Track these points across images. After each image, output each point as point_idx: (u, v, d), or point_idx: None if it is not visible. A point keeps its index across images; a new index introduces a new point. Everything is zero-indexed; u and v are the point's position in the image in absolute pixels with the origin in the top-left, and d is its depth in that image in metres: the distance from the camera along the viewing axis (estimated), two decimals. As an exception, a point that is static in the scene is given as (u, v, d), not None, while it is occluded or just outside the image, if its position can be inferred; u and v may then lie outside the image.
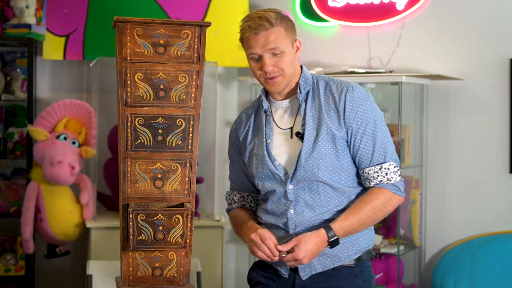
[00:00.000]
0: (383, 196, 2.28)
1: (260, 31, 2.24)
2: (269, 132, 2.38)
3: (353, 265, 2.34)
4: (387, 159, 2.29)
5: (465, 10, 3.92)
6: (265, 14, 2.26)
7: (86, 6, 4.21)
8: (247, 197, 2.53)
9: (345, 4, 4.16)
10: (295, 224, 2.32)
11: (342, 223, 2.24)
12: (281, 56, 2.27)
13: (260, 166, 2.37)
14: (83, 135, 4.00)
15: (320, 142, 2.28)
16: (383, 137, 2.31)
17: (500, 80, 3.83)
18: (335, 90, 2.32)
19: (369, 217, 2.28)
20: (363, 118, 2.29)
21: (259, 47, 2.26)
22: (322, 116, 2.30)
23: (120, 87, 2.03)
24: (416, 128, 4.00)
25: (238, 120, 2.52)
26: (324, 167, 2.28)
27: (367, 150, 2.29)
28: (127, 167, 2.07)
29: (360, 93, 2.31)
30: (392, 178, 2.29)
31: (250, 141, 2.43)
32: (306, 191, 2.31)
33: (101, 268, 3.12)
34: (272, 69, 2.28)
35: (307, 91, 2.35)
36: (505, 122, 3.82)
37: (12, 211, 4.11)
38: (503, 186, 3.84)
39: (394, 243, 3.83)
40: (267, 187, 2.38)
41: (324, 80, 2.38)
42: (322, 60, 4.24)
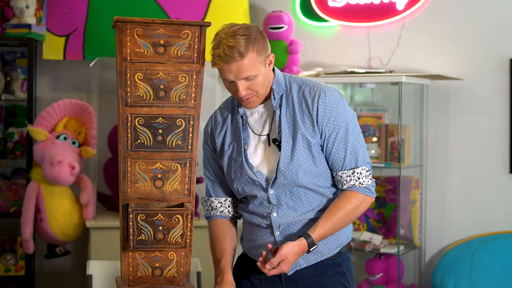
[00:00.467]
0: (356, 199, 2.35)
1: (232, 62, 2.21)
2: (246, 138, 2.40)
3: (335, 257, 2.43)
4: (359, 164, 2.34)
5: (465, 10, 3.92)
6: (235, 44, 2.18)
7: (86, 6, 4.21)
8: (224, 202, 2.53)
9: (345, 4, 4.16)
10: (278, 224, 2.38)
11: (321, 231, 2.31)
12: (254, 79, 2.26)
13: (239, 172, 2.39)
14: (83, 135, 4.00)
15: (297, 150, 2.32)
16: (355, 141, 2.35)
17: (500, 80, 3.83)
18: (308, 95, 2.34)
19: (344, 221, 2.35)
20: (335, 123, 2.32)
21: (232, 75, 2.24)
22: (296, 123, 2.33)
23: (120, 87, 2.03)
24: (416, 128, 4.00)
25: (213, 121, 2.50)
26: (303, 173, 2.33)
27: (339, 154, 2.34)
28: (127, 167, 2.07)
29: (332, 97, 2.33)
30: (364, 182, 2.35)
31: (229, 145, 2.43)
32: (287, 195, 2.36)
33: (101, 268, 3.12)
34: (247, 93, 2.28)
35: (280, 95, 2.37)
36: (505, 122, 3.82)
37: (12, 211, 4.11)
38: (503, 186, 3.84)
39: (394, 243, 3.83)
40: (247, 191, 2.41)
41: (297, 83, 2.39)
42: (322, 60, 4.24)
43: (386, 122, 3.97)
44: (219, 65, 2.23)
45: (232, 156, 2.41)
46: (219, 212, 2.53)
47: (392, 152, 3.83)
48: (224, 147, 2.44)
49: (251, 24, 2.30)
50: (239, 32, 2.22)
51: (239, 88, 2.26)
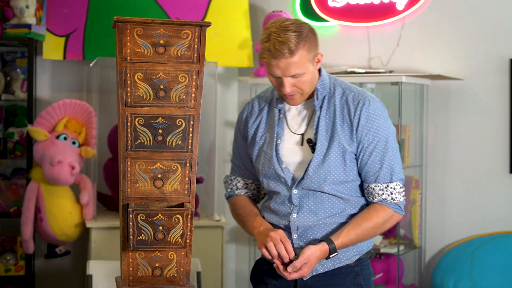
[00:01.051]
0: (385, 214, 2.31)
1: (280, 58, 2.19)
2: (280, 132, 2.36)
3: (353, 264, 2.37)
4: (394, 179, 2.30)
5: (465, 10, 3.92)
6: (286, 38, 2.17)
7: (86, 6, 4.21)
8: (250, 185, 2.51)
9: (345, 4, 4.16)
10: (296, 226, 2.33)
11: (344, 239, 2.27)
12: (301, 77, 2.24)
13: (267, 165, 2.36)
14: (83, 135, 4.00)
15: (331, 155, 2.28)
16: (392, 156, 2.30)
17: (500, 80, 3.83)
18: (351, 102, 2.30)
19: (369, 234, 2.31)
20: (375, 135, 2.28)
21: (279, 71, 2.22)
22: (335, 128, 2.29)
23: (120, 87, 2.03)
24: (416, 128, 4.00)
25: (249, 108, 2.47)
26: (331, 181, 2.28)
27: (374, 167, 2.30)
28: (127, 167, 2.07)
29: (376, 108, 2.30)
30: (396, 198, 2.31)
31: (261, 136, 2.40)
32: (311, 198, 2.32)
33: (101, 268, 3.12)
34: (292, 90, 2.26)
35: (323, 96, 2.33)
36: (505, 122, 3.82)
37: (12, 211, 4.11)
38: (503, 186, 3.84)
39: (394, 243, 3.83)
40: (272, 187, 2.37)
41: (342, 87, 2.35)
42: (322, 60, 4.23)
43: (386, 122, 3.97)
44: (267, 59, 2.21)
45: (262, 148, 2.38)
46: (244, 192, 2.51)
47: (392, 152, 3.83)
48: (256, 137, 2.41)
49: (303, 21, 2.27)
50: (291, 28, 2.20)
51: (285, 85, 2.24)
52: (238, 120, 2.50)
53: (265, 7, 4.43)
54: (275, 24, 2.22)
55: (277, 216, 2.37)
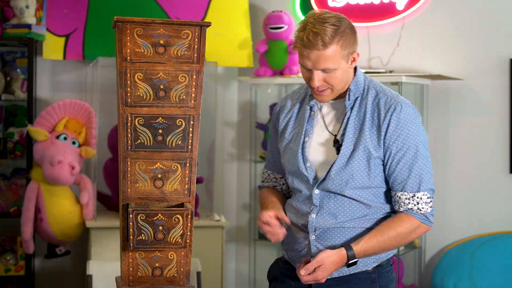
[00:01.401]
0: (410, 224, 2.22)
1: (313, 49, 2.14)
2: (309, 130, 2.30)
3: (371, 271, 2.29)
4: (421, 189, 2.21)
5: (465, 10, 3.92)
6: (320, 31, 2.12)
7: (86, 6, 4.21)
8: (280, 180, 2.47)
9: (345, 4, 4.16)
10: (314, 228, 2.28)
11: (364, 246, 2.20)
12: (332, 73, 2.18)
13: (292, 162, 2.32)
14: (83, 135, 4.00)
15: (355, 158, 2.21)
16: (422, 165, 2.22)
17: (500, 80, 3.83)
18: (383, 106, 2.22)
19: (391, 243, 2.22)
20: (404, 143, 2.20)
21: (310, 63, 2.18)
22: (363, 131, 2.22)
23: (120, 87, 2.03)
24: (416, 128, 3.99)
25: (282, 103, 2.43)
26: (353, 185, 2.22)
27: (402, 175, 2.21)
28: (127, 167, 2.07)
29: (407, 114, 2.22)
30: (422, 208, 2.22)
31: (290, 132, 2.36)
32: (332, 200, 2.26)
33: (101, 268, 3.12)
34: (321, 84, 2.21)
35: (355, 97, 2.27)
36: (505, 122, 3.82)
37: (12, 211, 4.11)
38: (503, 186, 3.84)
39: (394, 243, 3.82)
40: (295, 184, 2.33)
41: (375, 89, 2.27)
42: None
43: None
44: (299, 48, 2.17)
45: (289, 144, 2.34)
46: (272, 186, 2.49)
47: (392, 152, 3.83)
48: (285, 133, 2.37)
49: (344, 16, 2.21)
50: (329, 21, 2.15)
51: (314, 78, 2.18)
52: (272, 114, 2.47)
53: (265, 7, 4.43)
54: (314, 15, 2.17)
55: (297, 214, 2.32)
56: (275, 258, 2.53)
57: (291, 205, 2.37)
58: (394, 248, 2.27)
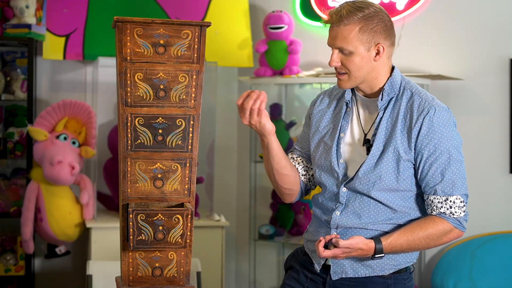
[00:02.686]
0: (442, 226, 2.19)
1: (333, 25, 2.17)
2: (344, 126, 2.28)
3: (387, 277, 2.26)
4: (454, 193, 2.18)
5: (465, 10, 3.92)
6: (342, 10, 2.14)
7: (86, 6, 4.21)
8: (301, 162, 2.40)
9: (345, 4, 4.15)
10: (337, 225, 2.25)
11: (394, 242, 2.16)
12: (350, 56, 2.17)
13: (324, 156, 2.28)
14: (83, 135, 4.00)
15: (384, 160, 2.18)
16: (455, 169, 2.18)
17: (500, 80, 3.83)
18: (416, 108, 2.18)
19: (420, 244, 2.19)
20: (437, 147, 2.16)
21: (329, 39, 2.21)
22: (395, 133, 2.18)
23: (120, 87, 2.03)
24: (416, 128, 3.99)
25: (321, 97, 2.40)
26: (380, 187, 2.20)
27: (434, 179, 2.18)
28: (127, 167, 2.07)
29: (441, 117, 2.19)
30: (455, 213, 2.19)
31: (324, 127, 2.32)
32: (358, 200, 2.24)
33: (101, 268, 3.12)
34: (337, 65, 2.21)
35: (390, 98, 2.23)
36: (505, 122, 3.82)
37: (12, 211, 4.11)
38: (503, 186, 3.84)
39: (394, 243, 3.82)
40: (323, 179, 2.29)
41: (411, 91, 2.24)
42: (322, 60, 4.24)
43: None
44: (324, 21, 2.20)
45: (323, 138, 2.31)
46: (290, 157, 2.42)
47: (392, 152, 3.83)
48: (320, 126, 2.33)
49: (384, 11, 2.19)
50: (362, 6, 2.16)
51: (331, 57, 2.21)
52: (310, 106, 2.44)
53: (265, 7, 4.43)
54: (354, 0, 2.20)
55: (321, 210, 2.31)
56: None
57: (317, 201, 2.34)
58: (422, 249, 2.24)
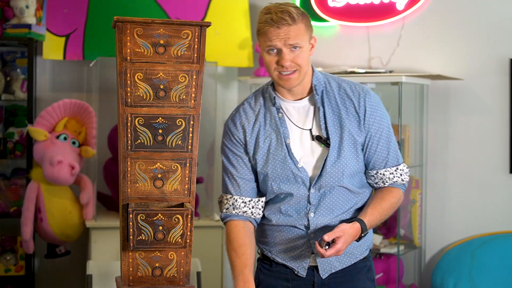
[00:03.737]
0: (398, 194, 2.38)
1: (282, 25, 2.22)
2: (286, 132, 2.33)
3: (366, 259, 2.40)
4: (400, 161, 2.39)
5: (465, 10, 3.92)
6: (287, 8, 2.23)
7: (86, 6, 4.21)
8: (249, 203, 2.38)
9: (345, 4, 4.16)
10: (315, 225, 2.32)
11: (370, 218, 2.29)
12: (299, 52, 2.26)
13: (280, 167, 2.31)
14: (83, 135, 4.00)
15: (345, 148, 2.30)
16: (394, 141, 2.39)
17: (500, 80, 3.83)
18: (351, 94, 2.34)
19: (387, 214, 2.35)
20: (380, 123, 2.34)
21: (279, 40, 2.24)
22: (343, 121, 2.31)
23: (120, 87, 2.03)
24: (416, 128, 4.00)
25: (243, 115, 2.39)
26: (348, 173, 2.31)
27: (383, 153, 2.35)
28: (127, 167, 2.07)
29: (376, 97, 2.37)
30: (405, 179, 2.40)
31: (264, 140, 2.35)
32: (327, 195, 2.31)
33: (101, 268, 3.12)
34: (290, 64, 2.26)
35: (321, 91, 2.35)
36: (505, 122, 3.82)
37: (12, 211, 4.11)
38: (503, 186, 3.84)
39: (394, 243, 3.83)
40: (284, 189, 2.32)
41: (335, 80, 2.38)
42: (322, 60, 4.24)
43: (386, 122, 3.97)
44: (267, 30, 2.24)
45: (269, 151, 2.33)
46: (242, 212, 2.38)
47: (392, 152, 3.83)
48: (259, 142, 2.35)
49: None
50: (289, 4, 2.27)
51: (285, 57, 2.24)
52: (232, 130, 2.39)
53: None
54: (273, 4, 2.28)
55: (291, 217, 2.33)
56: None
57: (279, 211, 2.35)
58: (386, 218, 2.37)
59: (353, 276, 2.36)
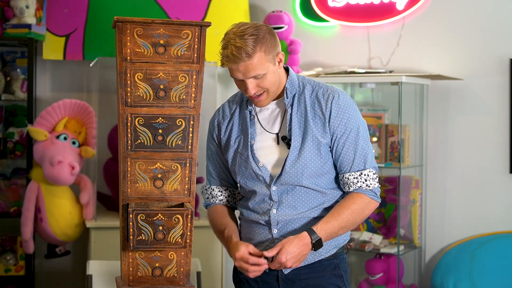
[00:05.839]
0: (362, 201, 2.36)
1: (239, 62, 2.24)
2: (253, 133, 2.41)
3: (332, 257, 2.43)
4: (367, 166, 2.37)
5: (465, 10, 3.92)
6: (243, 43, 2.22)
7: (86, 6, 4.21)
8: (225, 192, 2.55)
9: (345, 4, 4.16)
10: (277, 221, 2.38)
11: (324, 226, 2.31)
12: (263, 78, 2.29)
13: (244, 166, 2.41)
14: (83, 135, 4.00)
15: (306, 149, 2.34)
16: (364, 145, 2.37)
17: (500, 80, 3.83)
18: (321, 97, 2.37)
19: (349, 221, 2.35)
20: (347, 125, 2.35)
21: (240, 74, 2.29)
22: (307, 123, 2.35)
23: (120, 87, 2.03)
24: (416, 128, 4.00)
25: (220, 113, 2.52)
26: (308, 174, 2.34)
27: (348, 156, 2.36)
28: (127, 167, 2.07)
29: (346, 100, 2.37)
30: (370, 185, 2.37)
31: (235, 139, 2.45)
32: (290, 193, 2.37)
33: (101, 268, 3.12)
34: (256, 90, 2.31)
35: (293, 95, 2.39)
36: (505, 122, 3.82)
37: (12, 211, 4.11)
38: (503, 186, 3.84)
39: (394, 243, 3.83)
40: (250, 186, 2.42)
41: (311, 85, 2.42)
42: (322, 60, 4.24)
43: (386, 122, 3.97)
44: (227, 65, 2.27)
45: (238, 150, 2.43)
46: (219, 200, 2.55)
47: (392, 152, 3.83)
48: (230, 141, 2.45)
49: (261, 23, 2.32)
50: (247, 32, 2.24)
51: (248, 87, 2.30)
52: (210, 127, 2.55)
53: (265, 7, 4.43)
54: (233, 30, 2.27)
55: (257, 213, 2.42)
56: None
57: (247, 207, 2.45)
58: (353, 226, 2.38)
59: (318, 273, 2.40)
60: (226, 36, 2.26)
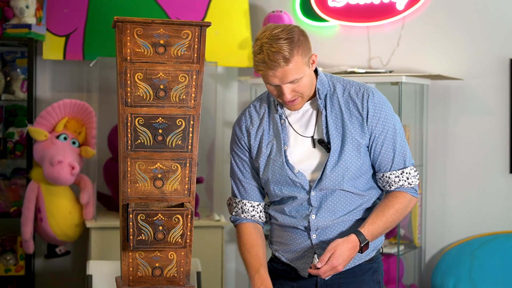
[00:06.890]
0: (404, 199, 2.32)
1: (277, 68, 2.17)
2: (285, 138, 2.34)
3: (372, 261, 2.38)
4: (407, 164, 2.32)
5: (465, 10, 3.92)
6: (279, 47, 2.15)
7: (86, 6, 4.21)
8: (257, 207, 2.44)
9: (345, 4, 4.16)
10: (316, 227, 2.32)
11: (371, 227, 2.26)
12: (300, 81, 2.22)
13: (278, 172, 2.33)
14: (83, 135, 4.00)
15: (346, 152, 2.27)
16: (402, 142, 2.33)
17: (500, 80, 3.83)
18: (355, 95, 2.30)
19: (393, 220, 2.30)
20: (385, 123, 2.29)
21: (277, 80, 2.21)
22: (345, 124, 2.29)
23: (120, 87, 2.03)
24: (416, 128, 4.00)
25: (248, 119, 2.41)
26: (349, 177, 2.28)
27: (388, 155, 2.30)
28: (127, 167, 2.07)
29: (380, 98, 2.31)
30: (412, 182, 2.33)
31: (267, 145, 2.36)
32: (329, 197, 2.31)
33: (101, 268, 3.12)
34: (292, 95, 2.24)
35: (324, 95, 2.32)
36: (505, 122, 3.82)
37: (12, 211, 4.11)
38: (503, 186, 3.84)
39: (394, 243, 3.83)
40: (286, 193, 2.34)
41: (341, 83, 2.34)
42: (322, 60, 4.24)
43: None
44: (263, 71, 2.20)
45: (270, 157, 2.35)
46: (251, 216, 2.42)
47: (392, 152, 3.83)
48: (262, 147, 2.36)
49: (292, 25, 2.25)
50: (281, 36, 2.18)
51: (285, 92, 2.22)
52: (237, 133, 2.42)
53: (265, 7, 4.43)
54: (265, 34, 2.19)
55: (294, 218, 2.34)
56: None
57: (283, 212, 2.37)
58: (394, 225, 2.33)
59: (357, 278, 2.34)
60: (259, 41, 2.19)
